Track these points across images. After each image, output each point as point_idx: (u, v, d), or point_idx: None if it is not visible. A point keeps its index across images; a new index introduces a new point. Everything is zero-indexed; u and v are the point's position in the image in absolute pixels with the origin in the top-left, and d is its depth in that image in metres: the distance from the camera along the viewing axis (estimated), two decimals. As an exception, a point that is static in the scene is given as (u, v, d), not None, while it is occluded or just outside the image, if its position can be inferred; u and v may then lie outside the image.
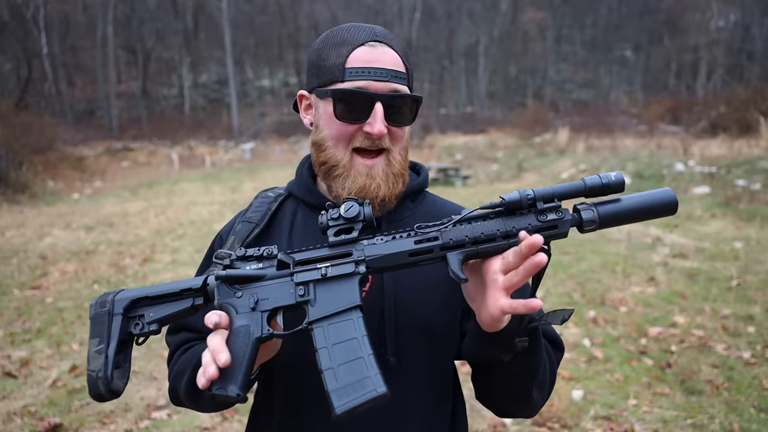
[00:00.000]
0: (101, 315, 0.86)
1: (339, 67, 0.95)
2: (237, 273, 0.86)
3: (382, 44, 0.97)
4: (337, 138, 0.98)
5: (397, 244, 0.86)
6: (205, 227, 10.11)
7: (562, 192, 0.84)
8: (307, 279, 0.85)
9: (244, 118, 35.80)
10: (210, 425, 3.32)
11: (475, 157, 21.33)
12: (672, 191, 0.86)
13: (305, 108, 1.07)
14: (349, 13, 42.08)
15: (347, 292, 0.84)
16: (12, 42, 31.87)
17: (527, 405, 1.02)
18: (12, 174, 15.81)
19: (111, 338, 0.84)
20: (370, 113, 0.95)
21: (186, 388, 0.99)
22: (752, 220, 8.90)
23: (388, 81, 0.95)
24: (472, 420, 3.26)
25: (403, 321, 0.99)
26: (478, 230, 0.84)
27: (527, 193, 0.83)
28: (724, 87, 34.04)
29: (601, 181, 0.83)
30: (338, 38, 0.98)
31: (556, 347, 1.08)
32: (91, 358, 0.84)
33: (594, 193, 0.84)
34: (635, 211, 0.85)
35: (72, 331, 4.96)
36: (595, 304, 5.33)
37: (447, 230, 0.85)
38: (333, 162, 0.99)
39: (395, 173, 1.00)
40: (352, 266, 0.85)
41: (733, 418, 3.24)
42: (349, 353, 0.80)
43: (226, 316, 0.83)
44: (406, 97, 0.97)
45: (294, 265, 0.86)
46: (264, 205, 1.10)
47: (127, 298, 0.87)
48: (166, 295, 0.88)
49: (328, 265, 0.85)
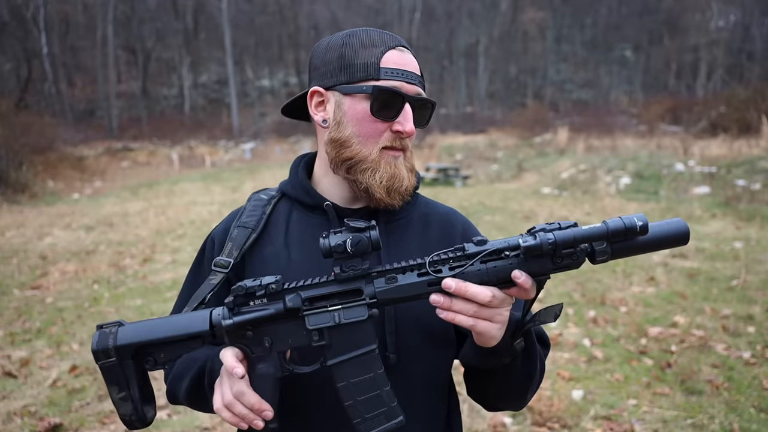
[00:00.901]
0: (111, 365, 0.85)
1: (374, 65, 0.97)
2: (245, 319, 0.85)
3: (408, 50, 1.03)
4: (366, 135, 1.00)
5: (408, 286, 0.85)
6: (205, 227, 10.11)
7: (583, 237, 0.81)
8: (320, 325, 0.85)
9: (244, 118, 35.80)
10: (210, 425, 3.32)
11: (475, 157, 21.33)
12: (684, 222, 0.85)
13: (316, 105, 1.06)
14: (349, 14, 42.08)
15: (363, 334, 0.85)
16: (12, 42, 31.86)
17: (519, 402, 1.06)
18: (12, 174, 15.82)
19: (130, 384, 0.85)
20: (399, 113, 0.98)
21: (187, 393, 1.00)
22: (752, 220, 8.91)
23: (415, 84, 1.00)
24: (472, 420, 3.26)
25: (403, 319, 1.01)
26: (491, 274, 0.83)
27: (548, 239, 0.80)
28: (724, 87, 34.04)
29: (624, 225, 0.81)
30: (366, 39, 1.00)
31: (544, 344, 1.10)
32: (118, 405, 0.85)
33: (617, 238, 0.82)
34: (649, 244, 0.84)
35: (72, 331, 4.96)
36: (595, 304, 5.33)
37: (464, 274, 0.83)
38: (360, 158, 1.00)
39: (409, 168, 1.05)
40: (364, 310, 0.84)
41: (733, 418, 3.24)
42: (369, 389, 0.85)
43: (242, 367, 0.84)
44: (428, 101, 1.03)
45: (303, 303, 0.85)
46: (258, 209, 1.10)
47: (131, 344, 0.85)
48: (174, 340, 0.87)
49: (340, 307, 0.85)
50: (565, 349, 4.30)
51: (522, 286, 0.82)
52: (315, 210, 1.07)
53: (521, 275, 0.82)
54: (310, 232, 1.06)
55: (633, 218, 0.81)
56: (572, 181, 14.54)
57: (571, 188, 14.02)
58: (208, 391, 0.94)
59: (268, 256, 1.05)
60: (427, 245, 1.07)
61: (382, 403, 0.85)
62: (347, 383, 0.85)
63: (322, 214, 1.06)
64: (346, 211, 1.05)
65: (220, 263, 1.01)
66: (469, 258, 0.84)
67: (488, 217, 10.27)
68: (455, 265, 0.85)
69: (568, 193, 13.63)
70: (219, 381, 0.89)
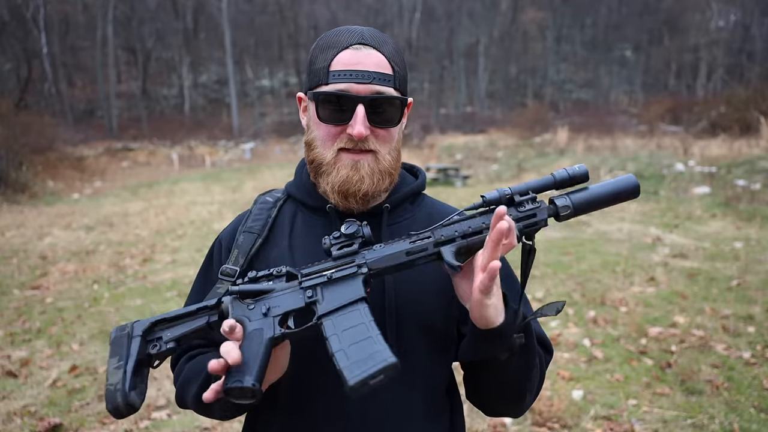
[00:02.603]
0: (121, 338, 0.89)
1: (324, 70, 0.97)
2: (250, 288, 0.91)
3: (368, 47, 0.98)
4: (323, 138, 1.00)
5: (394, 246, 0.92)
6: (205, 227, 10.11)
7: (535, 186, 0.94)
8: (314, 283, 0.91)
9: (244, 118, 35.80)
10: (210, 425, 3.32)
11: (475, 157, 21.32)
12: (634, 177, 0.96)
13: (303, 109, 1.09)
14: (349, 13, 42.07)
15: (352, 288, 0.89)
16: (12, 42, 31.88)
17: (518, 405, 1.04)
18: (12, 174, 15.81)
19: (129, 356, 0.87)
20: (352, 115, 0.96)
21: (195, 398, 0.99)
22: (752, 220, 8.91)
23: (369, 83, 0.95)
24: (472, 420, 3.26)
25: (404, 317, 1.01)
26: (466, 225, 0.92)
27: (504, 190, 0.93)
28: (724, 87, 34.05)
29: (567, 174, 0.94)
30: (327, 42, 1.00)
31: (546, 350, 1.10)
32: (110, 374, 0.86)
33: (563, 185, 0.95)
34: (604, 196, 0.94)
35: (72, 331, 4.96)
36: (595, 304, 5.33)
37: (439, 229, 0.93)
38: (320, 160, 1.01)
39: (382, 170, 1.00)
40: (354, 268, 0.90)
41: (733, 418, 3.24)
42: (358, 335, 0.84)
43: (240, 327, 0.86)
44: (390, 98, 0.97)
45: (301, 276, 0.92)
46: (264, 212, 1.11)
47: (146, 321, 0.91)
48: (182, 315, 0.92)
49: (333, 270, 0.91)
50: (565, 349, 4.30)
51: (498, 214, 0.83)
52: (318, 212, 1.08)
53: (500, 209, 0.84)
54: (314, 233, 1.06)
55: (574, 167, 0.94)
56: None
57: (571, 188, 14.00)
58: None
59: (274, 260, 1.05)
60: None
61: (372, 345, 0.81)
62: (336, 333, 0.84)
63: (325, 215, 1.07)
64: (348, 213, 1.06)
65: (227, 272, 1.02)
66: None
67: (488, 217, 10.25)
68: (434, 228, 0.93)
69: (568, 193, 13.61)
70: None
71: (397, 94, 0.99)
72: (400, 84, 1.01)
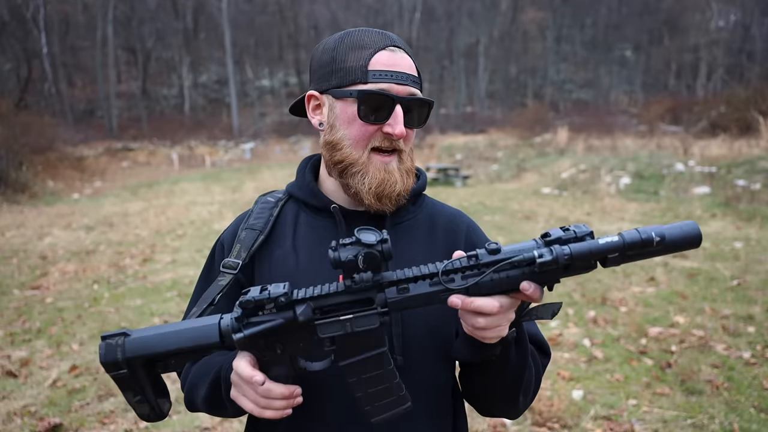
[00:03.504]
0: (122, 377, 0.85)
1: (362, 69, 0.97)
2: (257, 331, 0.83)
3: (400, 50, 1.01)
4: (356, 138, 1.00)
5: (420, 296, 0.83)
6: (205, 227, 10.11)
7: (599, 251, 0.80)
8: (331, 334, 0.84)
9: (244, 118, 35.80)
10: (210, 425, 3.32)
11: (475, 157, 21.33)
12: (697, 225, 0.82)
13: (313, 108, 1.07)
14: (349, 14, 42.08)
15: (374, 339, 0.86)
16: (12, 42, 31.87)
17: (512, 406, 1.04)
18: (12, 174, 15.80)
19: (144, 389, 0.87)
20: (390, 115, 0.98)
21: (205, 402, 1.02)
22: (752, 220, 8.91)
23: (407, 85, 0.99)
24: (472, 420, 3.26)
25: (410, 322, 1.01)
26: (503, 285, 0.82)
27: (564, 254, 0.79)
28: (724, 87, 34.05)
29: (640, 238, 0.79)
30: (356, 41, 1.00)
31: (543, 353, 1.09)
32: (135, 407, 0.88)
33: (632, 248, 0.80)
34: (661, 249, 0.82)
35: (72, 331, 4.96)
36: (595, 304, 5.33)
37: (477, 286, 0.82)
38: (350, 161, 1.01)
39: (407, 169, 1.04)
40: (376, 319, 0.83)
41: (733, 418, 3.24)
42: (377, 382, 0.88)
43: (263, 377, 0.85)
44: (423, 101, 1.01)
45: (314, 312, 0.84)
46: (265, 211, 1.11)
47: (139, 355, 0.84)
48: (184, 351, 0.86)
49: (351, 316, 0.83)
50: (565, 349, 4.30)
51: (531, 297, 0.82)
52: (322, 212, 1.08)
53: (530, 287, 0.81)
54: (318, 234, 1.06)
55: (650, 232, 0.79)
56: (572, 181, 14.54)
57: (571, 188, 14.01)
58: (227, 400, 0.95)
59: (277, 259, 1.06)
60: (432, 247, 1.08)
61: (391, 393, 0.88)
62: (358, 378, 0.87)
63: (329, 216, 1.06)
64: (352, 214, 1.06)
65: (228, 264, 1.02)
66: (482, 267, 0.82)
67: (488, 217, 10.27)
68: (468, 274, 0.83)
69: (568, 193, 13.62)
70: (237, 389, 0.89)
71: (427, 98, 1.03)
72: (422, 87, 1.05)
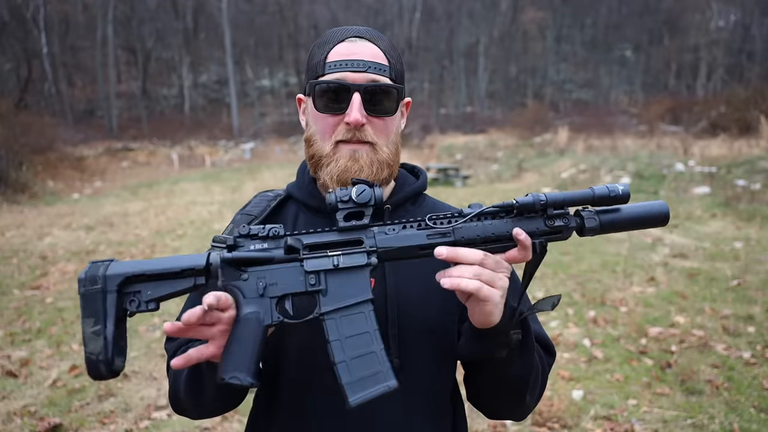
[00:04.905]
0: (93, 294, 0.79)
1: (321, 63, 0.98)
2: (244, 255, 0.82)
3: (363, 39, 1.00)
4: (322, 131, 1.00)
5: (408, 237, 0.86)
6: (205, 227, 10.11)
7: (572, 199, 0.88)
8: (318, 268, 0.83)
9: (244, 118, 35.80)
10: (210, 425, 3.32)
11: (475, 157, 21.32)
12: (666, 204, 0.91)
13: (303, 110, 1.10)
14: (349, 14, 42.07)
15: (359, 284, 0.84)
16: (12, 42, 31.87)
17: (519, 407, 1.03)
18: (12, 174, 15.80)
19: (107, 318, 0.78)
20: (349, 104, 0.96)
21: (187, 387, 0.96)
22: (752, 220, 8.91)
23: (365, 72, 0.96)
24: (472, 420, 3.26)
25: (406, 322, 1.00)
26: (490, 230, 0.86)
27: (540, 197, 0.86)
28: (724, 87, 34.05)
29: (608, 192, 0.87)
30: (324, 38, 1.02)
31: (548, 352, 1.09)
32: (88, 340, 0.78)
33: (601, 203, 0.88)
34: (632, 221, 0.90)
35: (72, 331, 4.96)
36: (595, 304, 5.32)
37: (459, 227, 0.86)
38: (320, 154, 1.01)
39: (381, 160, 0.99)
40: (364, 257, 0.84)
41: (733, 418, 3.24)
42: (362, 347, 0.82)
43: (225, 298, 0.80)
44: (384, 86, 0.97)
45: (303, 249, 0.84)
46: (263, 202, 1.11)
47: (120, 274, 0.79)
48: (166, 274, 0.81)
49: (340, 253, 0.84)
50: (565, 349, 4.30)
51: (523, 242, 0.84)
52: (320, 213, 1.07)
53: (521, 232, 0.84)
54: None
55: (617, 187, 0.88)
56: (572, 181, 14.54)
57: (571, 188, 13.94)
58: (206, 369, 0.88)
59: None
60: None
61: (375, 363, 0.82)
62: (340, 339, 0.82)
63: (327, 216, 1.06)
64: None
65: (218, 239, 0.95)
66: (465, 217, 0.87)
67: (488, 217, 10.26)
68: (454, 224, 0.87)
69: (568, 193, 13.62)
70: None
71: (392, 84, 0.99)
72: (396, 76, 1.01)
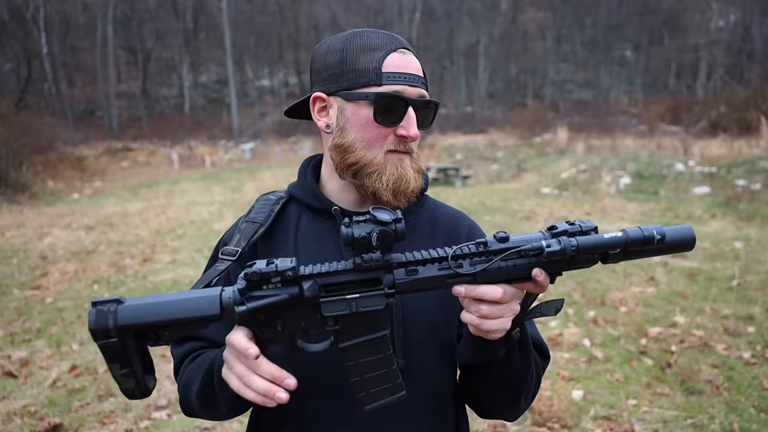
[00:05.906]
0: (111, 346, 0.79)
1: (375, 70, 0.97)
2: (261, 305, 0.80)
3: (410, 52, 1.01)
4: (370, 140, 0.99)
5: (428, 279, 0.84)
6: (205, 227, 10.11)
7: (604, 245, 0.83)
8: (335, 313, 0.82)
9: (244, 118, 35.81)
10: (210, 425, 3.32)
11: (475, 157, 21.33)
12: (692, 229, 0.88)
13: (319, 110, 1.05)
14: (349, 14, 42.08)
15: (377, 322, 0.85)
16: (12, 42, 31.89)
17: (512, 408, 1.05)
18: (12, 174, 15.80)
19: (132, 361, 0.81)
20: (403, 117, 0.98)
21: (198, 396, 0.97)
22: (752, 220, 8.91)
23: (417, 86, 0.99)
24: (472, 420, 3.26)
25: (411, 324, 1.00)
26: (512, 272, 0.84)
27: (572, 245, 0.82)
28: (724, 87, 34.03)
29: (643, 236, 0.83)
30: (367, 43, 0.99)
31: (543, 356, 1.09)
32: (120, 380, 0.82)
33: (633, 247, 0.84)
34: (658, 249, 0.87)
35: (72, 331, 4.96)
36: (595, 304, 5.33)
37: (485, 272, 0.83)
38: (364, 162, 1.00)
39: (417, 169, 1.05)
40: (382, 300, 0.82)
41: (733, 418, 3.24)
42: (375, 367, 0.87)
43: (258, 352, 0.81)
44: (432, 103, 1.02)
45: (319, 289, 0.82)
46: (267, 207, 1.10)
47: (133, 325, 0.79)
48: (180, 322, 0.81)
49: (357, 296, 0.82)
50: (565, 349, 4.30)
51: (541, 284, 0.84)
52: (323, 214, 1.07)
53: (541, 273, 0.83)
54: (319, 237, 1.06)
55: (652, 230, 0.84)
56: (572, 181, 14.54)
57: (571, 188, 14.01)
58: (218, 388, 0.91)
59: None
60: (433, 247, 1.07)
61: (387, 380, 0.87)
62: (356, 362, 0.86)
63: (330, 218, 1.06)
64: (354, 215, 1.05)
65: (228, 251, 1.00)
66: (490, 254, 0.84)
67: (488, 217, 10.26)
68: (477, 260, 0.84)
69: (568, 193, 13.62)
70: (227, 367, 0.84)
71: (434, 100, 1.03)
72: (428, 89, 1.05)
